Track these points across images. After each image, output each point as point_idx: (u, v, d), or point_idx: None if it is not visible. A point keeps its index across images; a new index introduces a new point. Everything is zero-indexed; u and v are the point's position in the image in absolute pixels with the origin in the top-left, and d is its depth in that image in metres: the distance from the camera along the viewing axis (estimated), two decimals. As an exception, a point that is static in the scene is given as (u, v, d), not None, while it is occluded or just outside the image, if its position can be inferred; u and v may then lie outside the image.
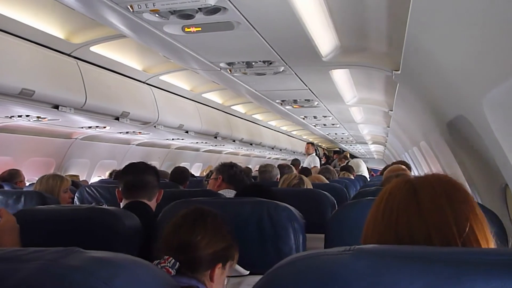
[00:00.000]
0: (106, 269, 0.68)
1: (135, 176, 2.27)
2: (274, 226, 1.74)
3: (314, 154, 8.60)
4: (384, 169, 5.91)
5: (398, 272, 0.59)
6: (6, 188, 3.79)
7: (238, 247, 1.48)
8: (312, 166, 8.13)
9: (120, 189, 2.28)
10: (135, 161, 2.41)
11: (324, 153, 13.76)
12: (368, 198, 1.80)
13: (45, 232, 1.79)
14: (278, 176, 4.86)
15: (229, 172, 2.95)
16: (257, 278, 0.69)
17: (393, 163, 4.97)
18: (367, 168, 11.80)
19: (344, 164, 9.26)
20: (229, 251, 1.43)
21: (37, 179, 5.06)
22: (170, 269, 1.25)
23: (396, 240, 0.83)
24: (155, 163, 6.66)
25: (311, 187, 3.21)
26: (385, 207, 0.87)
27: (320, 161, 11.03)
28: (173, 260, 1.27)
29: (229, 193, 2.77)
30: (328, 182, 4.37)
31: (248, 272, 1.75)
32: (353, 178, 6.34)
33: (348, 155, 10.76)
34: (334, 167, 9.85)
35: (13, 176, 4.41)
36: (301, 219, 1.82)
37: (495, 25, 1.33)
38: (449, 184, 0.85)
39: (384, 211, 0.87)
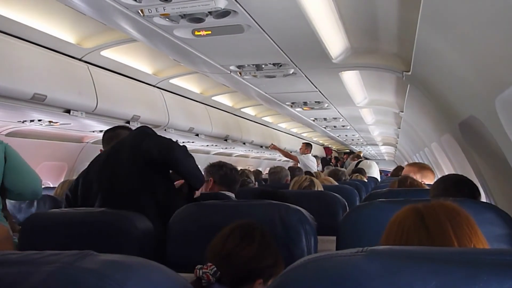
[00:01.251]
0: (120, 272, 0.69)
1: (111, 132, 2.69)
2: (285, 228, 1.74)
3: (309, 154, 8.52)
4: (395, 170, 5.84)
5: (412, 273, 0.59)
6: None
7: (284, 265, 1.47)
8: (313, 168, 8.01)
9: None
10: None
11: (335, 156, 13.64)
12: (380, 200, 1.79)
13: (58, 235, 1.81)
14: (288, 178, 4.87)
15: (219, 173, 2.85)
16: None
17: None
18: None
19: (356, 162, 9.21)
20: (273, 269, 1.43)
21: (49, 183, 5.12)
22: (210, 276, 1.28)
23: None
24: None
25: (322, 189, 3.20)
26: (397, 230, 0.99)
27: (327, 162, 10.96)
28: (215, 268, 1.30)
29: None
30: (337, 184, 4.36)
31: (260, 275, 1.75)
32: (365, 180, 6.31)
33: (362, 155, 10.55)
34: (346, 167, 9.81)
35: None
36: (313, 221, 1.81)
37: (507, 25, 1.32)
38: (451, 210, 0.98)
39: (396, 234, 0.99)
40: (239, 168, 7.66)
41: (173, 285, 0.76)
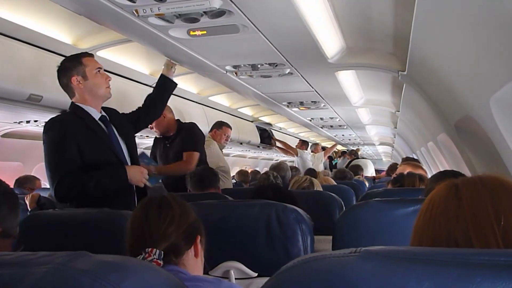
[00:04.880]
0: (115, 273, 0.69)
1: None
2: (282, 228, 1.75)
3: (306, 151, 8.57)
4: (389, 168, 5.84)
5: (406, 274, 0.59)
6: (17, 191, 3.83)
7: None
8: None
9: None
10: None
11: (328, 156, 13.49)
12: (376, 199, 1.80)
13: (56, 235, 1.81)
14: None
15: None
16: (265, 280, 0.69)
17: (404, 159, 4.94)
18: (375, 170, 11.68)
19: (352, 159, 9.18)
20: (199, 223, 1.41)
21: (46, 184, 5.10)
22: (158, 261, 1.22)
23: (432, 237, 0.83)
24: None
25: (321, 189, 3.21)
26: (427, 207, 0.88)
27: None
28: (157, 250, 1.23)
29: None
30: (335, 183, 4.36)
31: (256, 274, 1.76)
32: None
33: (358, 153, 10.39)
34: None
35: (24, 181, 4.45)
36: (309, 221, 1.82)
37: (501, 25, 1.32)
38: (495, 180, 0.85)
39: (425, 211, 0.87)
40: (248, 170, 7.66)
41: (167, 286, 0.76)
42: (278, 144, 8.53)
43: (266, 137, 8.17)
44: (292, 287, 0.64)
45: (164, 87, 3.11)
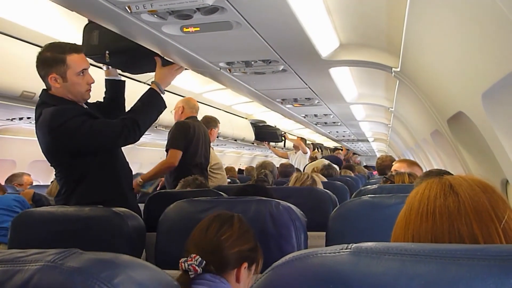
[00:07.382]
0: (106, 270, 0.68)
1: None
2: (276, 224, 1.75)
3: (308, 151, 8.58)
4: (380, 167, 5.83)
5: (397, 270, 0.59)
6: (9, 189, 3.83)
7: (262, 252, 1.53)
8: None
9: None
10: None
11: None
12: (370, 196, 1.80)
13: (49, 233, 1.81)
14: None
15: None
16: (258, 276, 0.69)
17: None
18: (369, 167, 11.69)
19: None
20: (254, 252, 1.48)
21: (39, 181, 5.09)
22: (196, 267, 1.29)
23: (433, 231, 0.83)
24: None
25: (322, 187, 3.22)
26: (420, 201, 0.88)
27: None
28: (200, 258, 1.30)
29: None
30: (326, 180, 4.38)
31: (250, 271, 1.76)
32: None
33: (318, 155, 10.01)
34: None
35: (12, 178, 4.44)
36: (303, 217, 1.82)
37: (492, 22, 1.33)
38: (479, 180, 0.88)
39: (419, 205, 0.88)
40: (243, 167, 7.67)
41: (159, 283, 0.76)
42: (291, 140, 8.52)
43: (280, 135, 8.13)
44: (284, 284, 0.65)
45: (114, 90, 3.00)
